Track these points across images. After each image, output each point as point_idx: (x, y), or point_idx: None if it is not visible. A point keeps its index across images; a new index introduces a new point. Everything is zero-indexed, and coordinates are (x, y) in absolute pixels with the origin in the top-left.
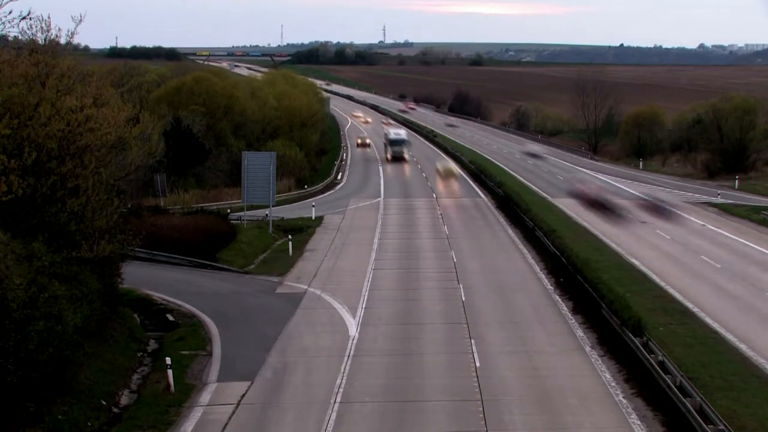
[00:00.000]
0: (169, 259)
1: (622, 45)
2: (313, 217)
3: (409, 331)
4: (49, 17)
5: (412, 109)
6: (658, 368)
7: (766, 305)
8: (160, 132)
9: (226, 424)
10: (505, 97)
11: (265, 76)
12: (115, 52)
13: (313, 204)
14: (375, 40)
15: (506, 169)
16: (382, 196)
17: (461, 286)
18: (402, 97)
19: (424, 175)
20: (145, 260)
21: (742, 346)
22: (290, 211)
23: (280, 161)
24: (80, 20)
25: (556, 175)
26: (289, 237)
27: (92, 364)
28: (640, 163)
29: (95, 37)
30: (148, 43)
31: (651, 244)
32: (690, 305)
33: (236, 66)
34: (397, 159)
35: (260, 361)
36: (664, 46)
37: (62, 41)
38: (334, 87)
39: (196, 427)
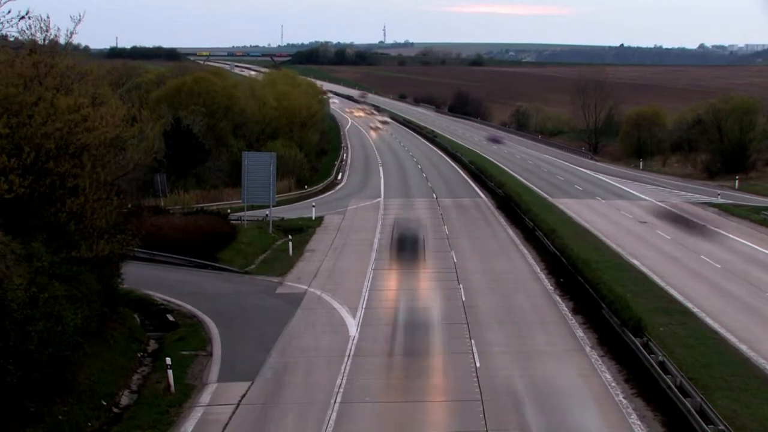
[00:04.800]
0: (169, 259)
1: (622, 45)
2: (314, 218)
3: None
4: (48, 17)
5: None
6: (658, 368)
7: (766, 305)
8: (160, 132)
9: (227, 424)
10: (505, 97)
11: (265, 76)
12: (115, 52)
13: (314, 204)
14: (375, 40)
15: (506, 169)
16: (383, 196)
17: (461, 286)
18: (402, 97)
19: (424, 175)
20: (145, 260)
21: (743, 347)
22: (290, 211)
23: (280, 161)
24: (79, 20)
25: (555, 175)
26: (289, 237)
27: (92, 364)
28: (641, 163)
29: (95, 37)
30: (148, 43)
31: (650, 243)
32: (690, 305)
33: (236, 66)
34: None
35: (260, 362)
36: (664, 46)
37: (61, 41)
38: (334, 87)
39: (196, 427)
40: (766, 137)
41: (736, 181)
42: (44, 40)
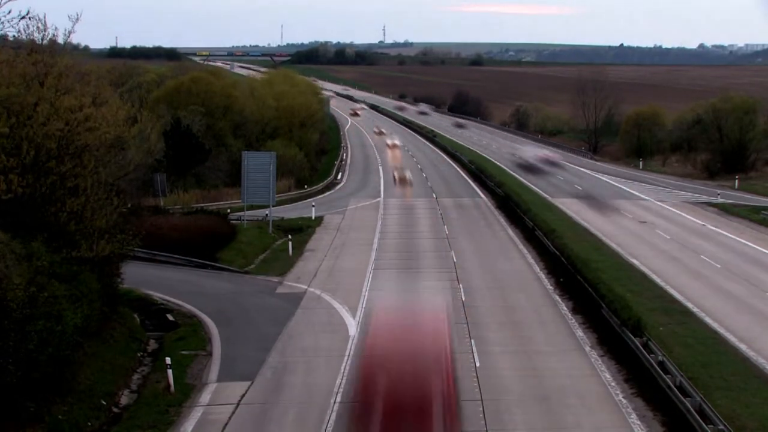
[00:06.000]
0: (169, 259)
1: (622, 45)
2: (313, 217)
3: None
4: (44, 16)
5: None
6: (658, 368)
7: (766, 305)
8: (160, 132)
9: (226, 424)
10: (505, 97)
11: (264, 76)
12: (115, 52)
13: (313, 204)
14: (375, 40)
15: (506, 169)
16: (382, 196)
17: (461, 286)
18: (402, 97)
19: (424, 175)
20: (145, 260)
21: (742, 346)
22: (290, 211)
23: (280, 161)
24: (77, 19)
25: (555, 175)
26: (289, 237)
27: (92, 364)
28: (640, 163)
29: (95, 37)
30: (148, 43)
31: (650, 243)
32: (690, 305)
33: (236, 66)
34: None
35: (260, 361)
36: (664, 46)
37: (60, 40)
38: (333, 87)
39: (196, 427)
40: (766, 137)
41: (736, 181)
42: (42, 39)
